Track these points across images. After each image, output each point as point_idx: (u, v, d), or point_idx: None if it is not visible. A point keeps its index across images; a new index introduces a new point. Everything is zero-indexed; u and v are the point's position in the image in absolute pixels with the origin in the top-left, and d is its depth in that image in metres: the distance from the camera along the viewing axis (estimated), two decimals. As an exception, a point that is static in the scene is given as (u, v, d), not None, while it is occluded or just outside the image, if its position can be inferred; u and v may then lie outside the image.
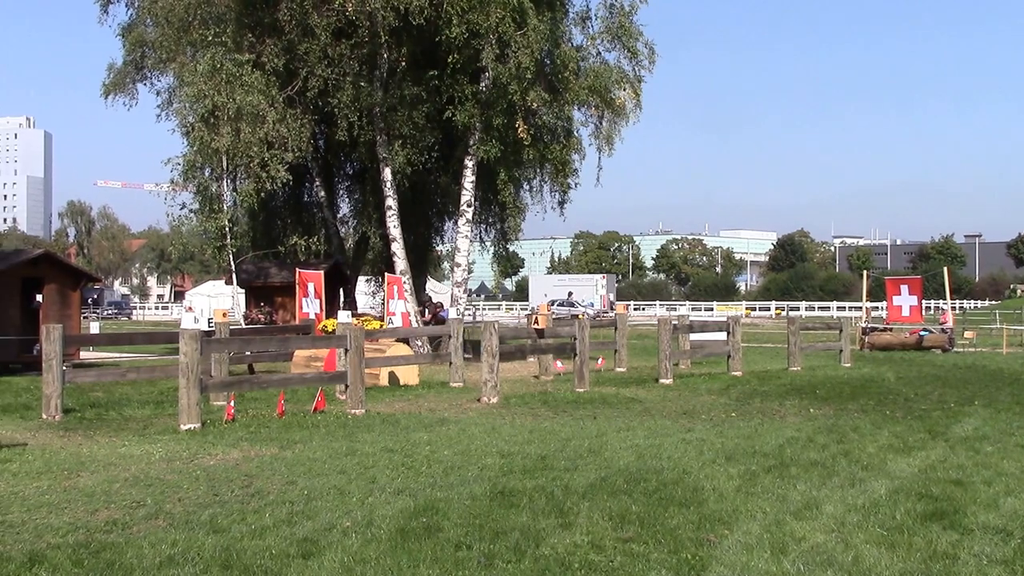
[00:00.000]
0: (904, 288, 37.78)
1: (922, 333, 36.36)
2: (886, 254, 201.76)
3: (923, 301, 41.89)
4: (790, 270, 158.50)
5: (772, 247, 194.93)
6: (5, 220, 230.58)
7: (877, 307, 55.60)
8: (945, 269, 47.12)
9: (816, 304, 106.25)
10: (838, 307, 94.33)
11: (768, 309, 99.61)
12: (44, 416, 16.86)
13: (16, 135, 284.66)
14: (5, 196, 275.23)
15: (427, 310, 34.18)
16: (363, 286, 41.90)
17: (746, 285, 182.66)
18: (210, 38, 30.31)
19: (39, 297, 28.12)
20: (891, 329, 37.67)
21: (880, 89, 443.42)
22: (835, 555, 7.57)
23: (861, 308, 47.50)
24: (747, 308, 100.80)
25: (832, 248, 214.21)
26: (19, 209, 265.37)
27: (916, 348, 35.20)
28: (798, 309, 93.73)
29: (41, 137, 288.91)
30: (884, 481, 10.32)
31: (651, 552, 7.63)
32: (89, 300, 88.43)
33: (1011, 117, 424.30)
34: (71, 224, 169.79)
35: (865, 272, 51.44)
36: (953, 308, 47.69)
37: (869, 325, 38.32)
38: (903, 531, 8.21)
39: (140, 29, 37.49)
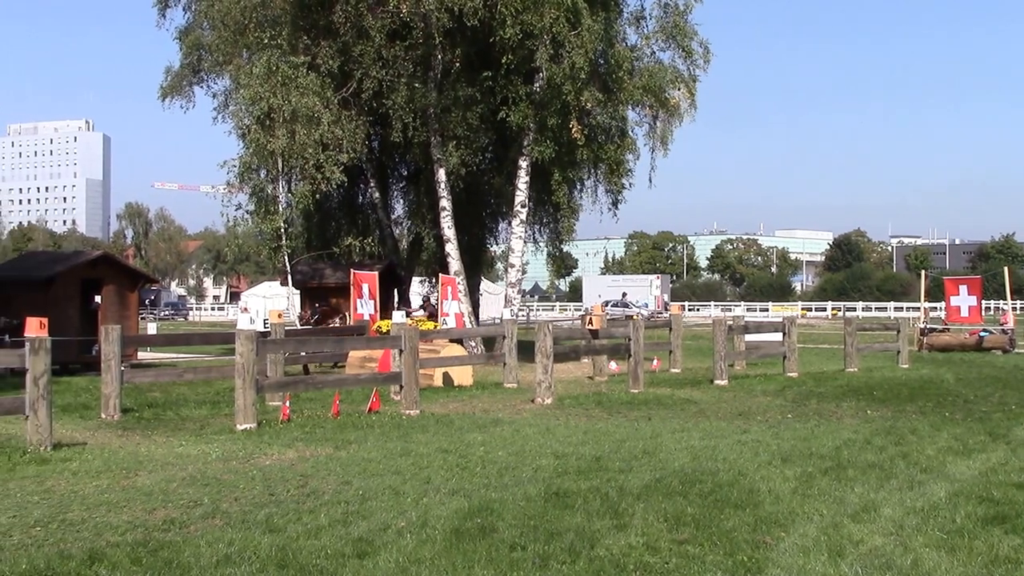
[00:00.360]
0: (963, 288, 37.33)
1: (982, 334, 35.89)
2: (945, 254, 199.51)
3: (983, 301, 41.34)
4: (846, 270, 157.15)
5: (828, 247, 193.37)
6: (65, 222, 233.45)
7: (935, 307, 55.07)
8: (1006, 269, 46.40)
9: (873, 304, 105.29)
10: (895, 308, 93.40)
11: (824, 310, 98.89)
12: (103, 416, 17.05)
13: (76, 138, 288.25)
14: (65, 199, 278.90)
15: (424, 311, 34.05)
16: (417, 287, 42.02)
17: (802, 285, 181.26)
18: (266, 41, 30.55)
19: (98, 298, 28.44)
20: (950, 330, 37.23)
21: (940, 86, 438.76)
22: (894, 558, 7.48)
23: (919, 308, 47.01)
24: (803, 309, 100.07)
25: (889, 248, 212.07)
26: (78, 211, 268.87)
27: (976, 349, 34.74)
28: (855, 309, 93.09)
29: (100, 140, 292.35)
30: (943, 484, 10.19)
31: (706, 554, 7.57)
32: (146, 301, 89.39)
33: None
34: (129, 226, 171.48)
35: (923, 272, 50.87)
36: (1014, 308, 47.01)
37: (928, 326, 37.90)
38: (963, 535, 8.09)
39: (197, 32, 37.88)
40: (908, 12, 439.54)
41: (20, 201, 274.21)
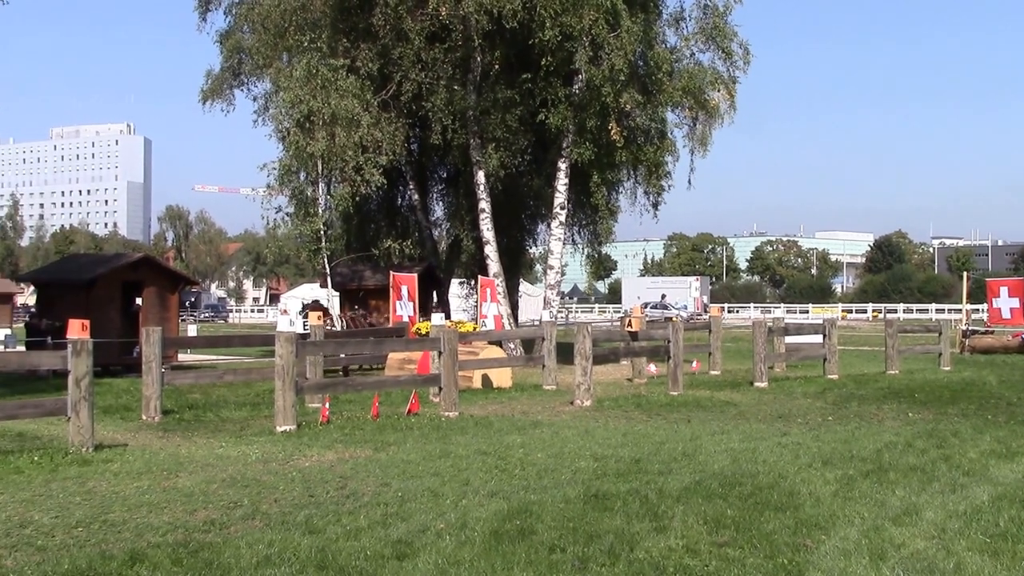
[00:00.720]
0: (1004, 290, 36.97)
1: (1025, 336, 35.56)
2: (987, 255, 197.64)
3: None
4: (887, 272, 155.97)
5: (869, 248, 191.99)
6: (106, 225, 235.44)
7: (978, 309, 54.55)
8: (1049, 270, 45.97)
9: (914, 306, 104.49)
10: (937, 309, 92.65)
11: (865, 311, 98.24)
12: (144, 417, 17.18)
13: (117, 142, 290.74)
14: (106, 201, 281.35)
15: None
16: (456, 289, 42.08)
17: (842, 287, 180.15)
18: (306, 44, 30.70)
19: (139, 300, 28.65)
20: (992, 332, 36.91)
21: (983, 85, 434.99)
22: (936, 562, 7.41)
23: (961, 310, 46.61)
24: (843, 310, 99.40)
25: (931, 249, 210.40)
26: (119, 214, 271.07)
27: (1018, 351, 34.40)
28: (896, 311, 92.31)
29: (141, 143, 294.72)
30: (986, 487, 10.09)
31: (746, 557, 7.53)
32: (187, 303, 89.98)
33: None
34: (169, 228, 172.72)
35: (965, 273, 50.50)
36: (1057, 310, 46.45)
37: (969, 328, 37.60)
38: (1007, 538, 8.01)
39: (237, 36, 38.09)
40: (952, 8, 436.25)
41: (62, 204, 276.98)
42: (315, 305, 33.36)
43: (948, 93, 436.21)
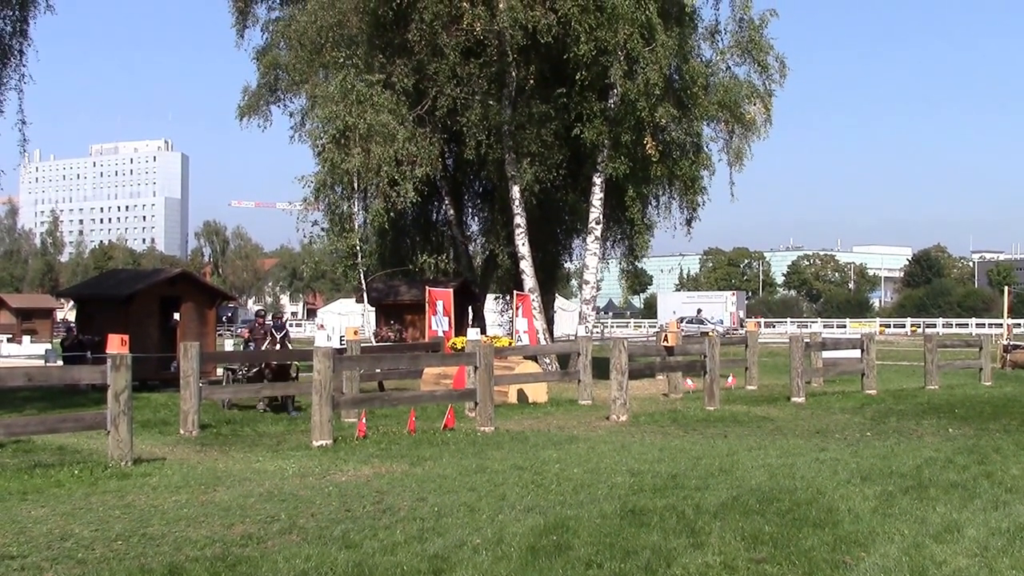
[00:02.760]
0: (1046, 304, 36.62)
1: (1067, 351, 35.21)
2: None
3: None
4: (926, 286, 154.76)
5: (907, 263, 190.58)
6: (144, 240, 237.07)
7: (1019, 324, 54.09)
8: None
9: (954, 321, 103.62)
10: (977, 324, 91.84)
11: (903, 326, 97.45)
12: (182, 432, 17.28)
13: (155, 158, 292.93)
14: (144, 217, 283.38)
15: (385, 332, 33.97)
16: (491, 304, 42.10)
17: (880, 302, 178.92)
18: (342, 60, 30.85)
19: (177, 315, 28.85)
20: (1033, 346, 36.56)
21: (1021, 95, 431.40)
22: (978, 580, 7.34)
23: (1002, 325, 46.22)
24: (881, 325, 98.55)
25: (971, 263, 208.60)
26: (157, 230, 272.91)
27: (1060, 367, 34.10)
28: (935, 326, 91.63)
29: (179, 160, 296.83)
30: (1029, 504, 9.98)
31: (785, 573, 7.48)
32: (224, 318, 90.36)
33: None
34: (207, 244, 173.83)
35: (1006, 288, 50.07)
36: (1099, 325, 46.03)
37: (1011, 343, 37.27)
38: (1050, 556, 7.92)
39: (274, 53, 38.36)
40: (990, 16, 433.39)
41: (101, 220, 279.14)
42: (381, 331, 33.57)
43: (988, 103, 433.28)
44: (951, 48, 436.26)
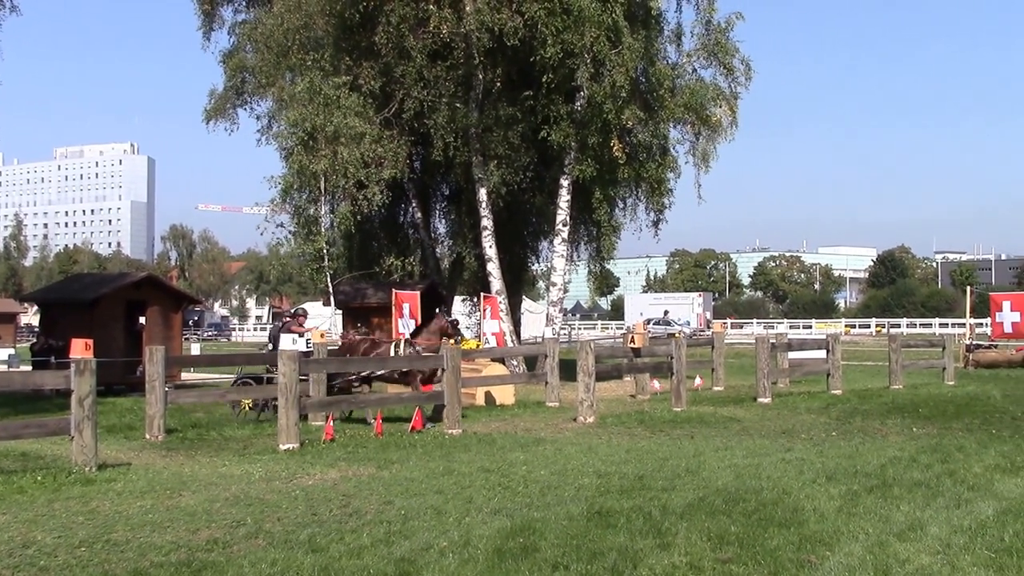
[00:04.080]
0: (1007, 304, 36.92)
1: (1029, 350, 35.51)
2: (990, 269, 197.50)
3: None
4: (890, 287, 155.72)
5: (872, 263, 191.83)
6: (110, 244, 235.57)
7: (981, 324, 54.46)
8: (1052, 284, 45.98)
9: (918, 321, 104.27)
10: (940, 324, 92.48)
11: (868, 326, 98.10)
12: (147, 436, 17.18)
13: (121, 161, 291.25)
14: (110, 221, 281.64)
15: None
16: (459, 306, 42.07)
17: (845, 302, 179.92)
18: (309, 62, 30.80)
19: (142, 319, 28.69)
20: (996, 346, 36.86)
21: (982, 100, 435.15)
22: (941, 578, 7.41)
23: (965, 325, 46.56)
24: (846, 325, 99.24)
25: (934, 264, 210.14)
26: (123, 233, 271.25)
27: (1023, 365, 34.36)
28: (899, 326, 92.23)
29: (145, 163, 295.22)
30: (991, 502, 10.07)
31: (750, 573, 7.52)
32: (190, 322, 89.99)
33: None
34: (173, 247, 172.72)
35: (968, 288, 50.42)
36: (1061, 324, 46.41)
37: (973, 342, 37.55)
38: (1012, 553, 7.98)
39: (240, 55, 38.29)
40: (954, 24, 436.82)
41: (66, 224, 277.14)
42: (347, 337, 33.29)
43: (951, 107, 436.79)
44: (914, 52, 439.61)
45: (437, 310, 22.62)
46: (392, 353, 20.06)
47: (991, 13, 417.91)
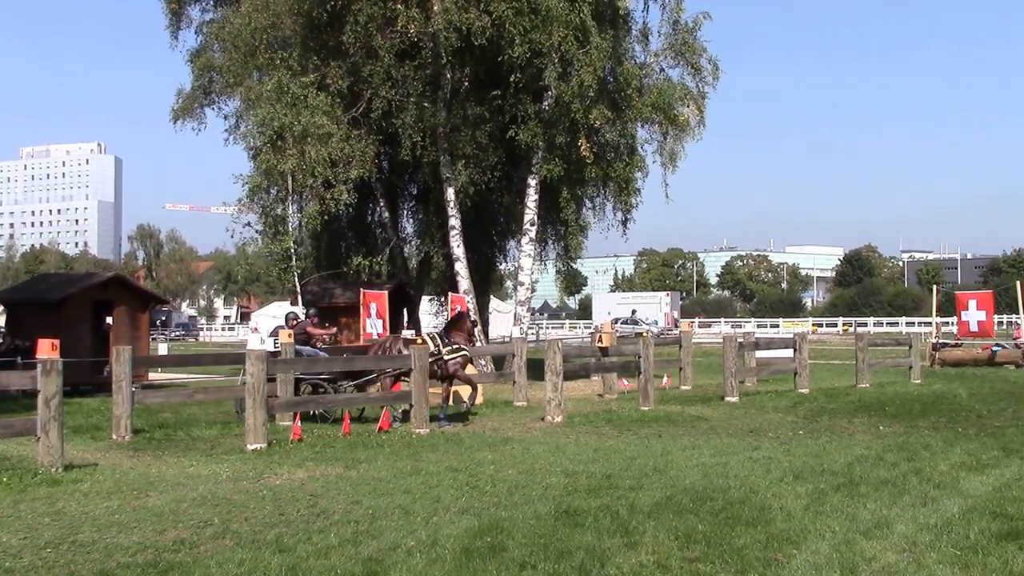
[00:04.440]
0: (972, 303, 37.21)
1: (994, 348, 35.82)
2: (956, 268, 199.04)
3: (995, 316, 41.26)
4: (857, 286, 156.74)
5: (839, 262, 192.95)
6: (77, 244, 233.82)
7: (947, 322, 54.86)
8: (1017, 283, 46.37)
9: (884, 320, 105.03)
10: (907, 323, 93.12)
11: (835, 325, 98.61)
12: (114, 436, 17.08)
13: (88, 161, 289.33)
14: (77, 221, 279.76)
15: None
16: (426, 306, 42.02)
17: (812, 301, 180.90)
18: (276, 62, 30.66)
19: (109, 319, 28.52)
20: (962, 345, 37.14)
21: (951, 100, 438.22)
22: (907, 575, 7.45)
23: (931, 324, 46.87)
24: (814, 324, 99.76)
25: (900, 263, 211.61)
26: (90, 233, 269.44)
27: (988, 364, 34.65)
28: (866, 325, 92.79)
29: (112, 162, 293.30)
30: (957, 500, 10.15)
31: (717, 572, 7.56)
32: (157, 322, 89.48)
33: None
34: (140, 247, 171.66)
35: (935, 287, 50.78)
36: (1026, 323, 46.88)
37: (940, 341, 37.81)
38: (977, 551, 8.06)
39: (208, 55, 38.06)
40: (921, 27, 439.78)
41: (33, 224, 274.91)
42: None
43: (916, 107, 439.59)
44: (882, 53, 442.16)
45: (459, 310, 22.92)
46: (433, 349, 20.02)
47: (959, 13, 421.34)
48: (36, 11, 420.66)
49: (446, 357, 19.76)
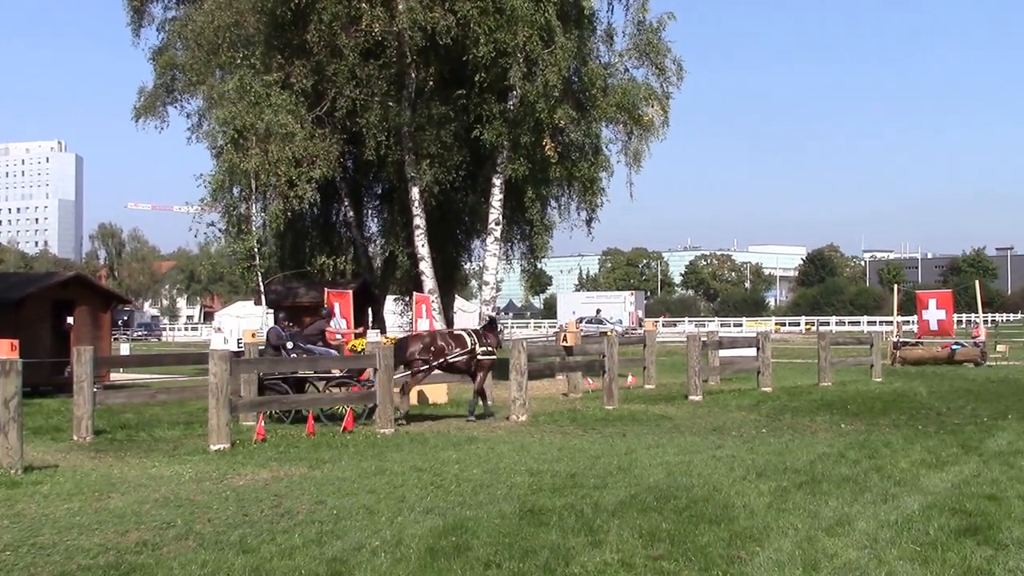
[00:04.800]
0: (932, 302, 37.50)
1: (954, 347, 36.13)
2: (917, 268, 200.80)
3: (955, 315, 41.61)
4: (820, 285, 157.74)
5: (801, 262, 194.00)
6: (37, 243, 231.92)
7: (908, 321, 55.29)
8: (976, 282, 46.88)
9: (846, 319, 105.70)
10: (869, 322, 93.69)
11: (798, 324, 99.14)
12: (75, 438, 16.95)
13: (48, 159, 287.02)
14: (37, 220, 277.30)
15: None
16: (391, 305, 41.92)
17: (775, 300, 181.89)
18: (239, 60, 30.50)
19: (70, 319, 28.28)
20: (922, 343, 37.43)
21: (911, 102, 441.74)
22: (868, 571, 7.51)
23: (892, 323, 47.22)
24: (776, 323, 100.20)
25: (862, 262, 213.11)
26: (51, 232, 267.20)
27: (948, 362, 34.95)
28: (828, 324, 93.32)
29: (73, 161, 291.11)
30: (917, 496, 10.24)
31: (681, 570, 7.58)
32: (119, 322, 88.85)
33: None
34: (102, 247, 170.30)
35: (896, 286, 51.18)
36: (985, 321, 47.35)
37: (900, 339, 38.11)
38: (937, 547, 8.13)
39: (170, 52, 37.82)
40: (883, 28, 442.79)
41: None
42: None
43: (878, 108, 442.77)
44: (842, 55, 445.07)
45: (490, 316, 23.82)
46: (470, 345, 20.23)
47: (919, 15, 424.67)
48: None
49: (480, 356, 20.13)
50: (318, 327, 22.05)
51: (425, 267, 32.19)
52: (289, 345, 20.72)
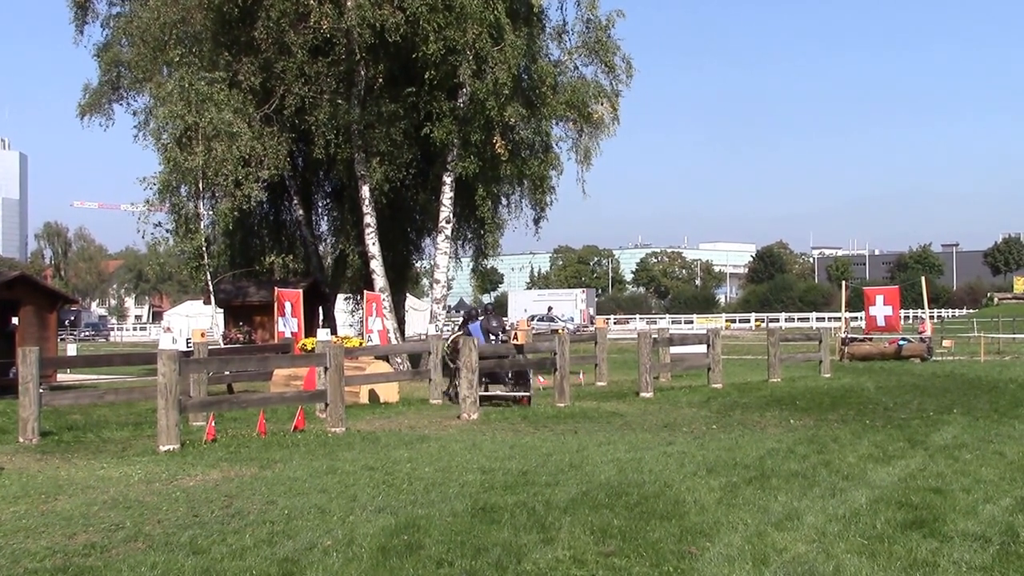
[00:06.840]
0: (880, 298, 37.86)
1: (901, 343, 36.50)
2: (864, 264, 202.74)
3: (902, 311, 42.04)
4: (769, 282, 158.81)
5: (751, 259, 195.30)
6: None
7: (856, 317, 55.84)
8: (923, 279, 47.43)
9: (796, 315, 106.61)
10: (817, 318, 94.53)
11: (748, 321, 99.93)
12: (21, 440, 16.74)
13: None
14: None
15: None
16: (342, 304, 41.80)
17: (726, 297, 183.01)
18: (184, 58, 30.26)
19: (15, 320, 27.95)
20: (870, 339, 37.78)
21: (856, 101, 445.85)
22: (816, 565, 7.57)
23: (840, 319, 47.65)
24: (727, 320, 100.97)
25: (811, 259, 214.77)
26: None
27: (895, 358, 35.29)
28: (778, 320, 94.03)
29: (16, 159, 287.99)
30: (864, 490, 10.34)
31: (633, 566, 7.61)
32: (66, 322, 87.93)
33: (988, 128, 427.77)
34: (47, 246, 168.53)
35: (844, 283, 51.65)
36: (931, 317, 47.92)
37: (848, 336, 38.46)
38: (883, 540, 8.22)
39: (116, 49, 37.43)
40: (832, 26, 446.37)
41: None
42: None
43: (826, 105, 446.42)
44: (789, 52, 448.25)
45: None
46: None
47: (863, 15, 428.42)
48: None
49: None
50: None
51: (376, 265, 32.13)
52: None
